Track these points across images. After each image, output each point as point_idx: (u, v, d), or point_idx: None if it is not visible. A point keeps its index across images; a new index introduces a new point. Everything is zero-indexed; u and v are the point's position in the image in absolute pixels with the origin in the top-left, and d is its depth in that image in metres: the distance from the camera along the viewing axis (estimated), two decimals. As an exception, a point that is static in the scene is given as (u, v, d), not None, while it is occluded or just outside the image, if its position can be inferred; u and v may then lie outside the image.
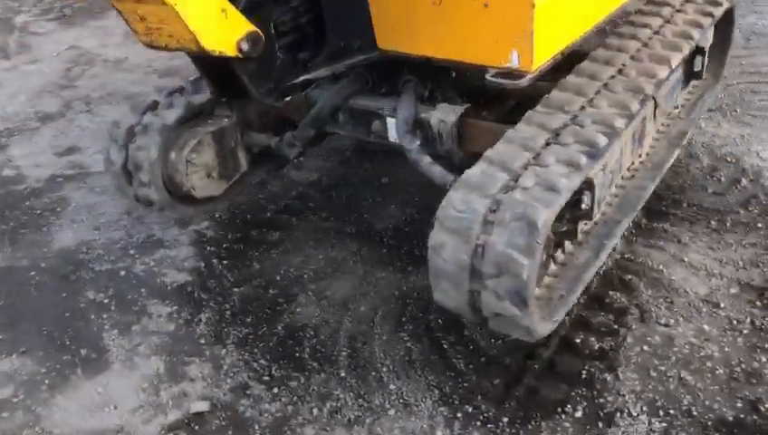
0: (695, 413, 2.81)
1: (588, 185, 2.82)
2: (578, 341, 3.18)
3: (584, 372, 3.03)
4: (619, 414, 2.84)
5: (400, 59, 3.19)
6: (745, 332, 3.14)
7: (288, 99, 3.05)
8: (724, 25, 4.29)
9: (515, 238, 2.50)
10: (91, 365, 3.42)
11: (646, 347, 3.12)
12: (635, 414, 2.84)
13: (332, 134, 3.82)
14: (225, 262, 3.99)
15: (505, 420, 2.88)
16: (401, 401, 3.02)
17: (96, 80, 6.66)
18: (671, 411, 2.83)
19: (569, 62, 3.18)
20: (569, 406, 2.90)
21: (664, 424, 2.79)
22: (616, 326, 3.23)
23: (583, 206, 2.86)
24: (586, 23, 3.13)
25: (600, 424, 2.82)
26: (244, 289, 3.78)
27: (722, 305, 3.29)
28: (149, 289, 3.88)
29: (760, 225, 3.75)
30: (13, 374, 3.42)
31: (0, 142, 5.64)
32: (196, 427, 3.03)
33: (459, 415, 2.93)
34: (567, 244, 3.11)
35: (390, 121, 3.33)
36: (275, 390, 3.15)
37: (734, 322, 3.20)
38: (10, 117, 6.07)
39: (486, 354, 3.18)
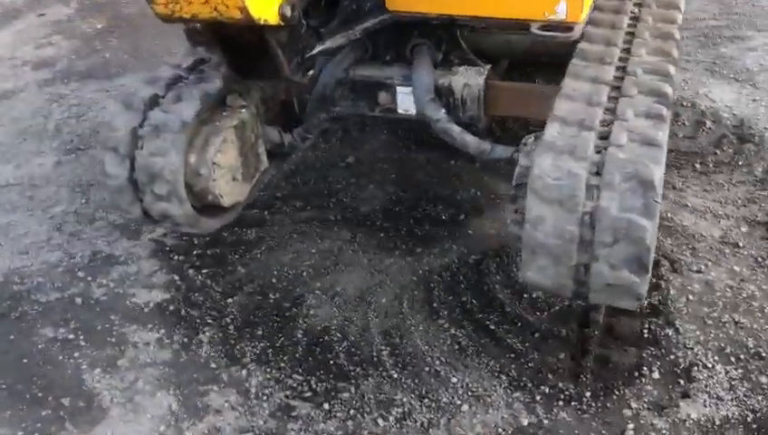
0: (764, 355, 2.82)
1: None
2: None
3: (645, 331, 2.94)
4: (694, 368, 2.79)
5: (415, 21, 2.87)
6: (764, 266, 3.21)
7: (311, 73, 2.63)
8: None
9: (631, 200, 2.31)
10: (83, 416, 2.84)
11: (690, 296, 3.10)
12: (710, 365, 2.79)
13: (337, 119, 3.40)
14: (203, 271, 3.49)
15: (588, 394, 2.72)
16: (470, 393, 2.78)
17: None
18: (742, 356, 2.82)
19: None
20: (644, 368, 2.80)
21: (740, 370, 2.77)
22: (654, 279, 3.17)
23: None
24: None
25: (681, 381, 2.75)
26: (240, 299, 3.32)
27: (740, 245, 3.34)
28: (121, 314, 3.30)
29: (740, 163, 3.86)
30: (-21, 444, 2.77)
31: None
32: (248, 469, 2.60)
33: (538, 398, 2.74)
34: None
35: (402, 91, 3.00)
36: (326, 406, 2.78)
37: (759, 259, 3.26)
38: None
39: (539, 329, 3.01)
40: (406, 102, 3.04)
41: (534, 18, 2.64)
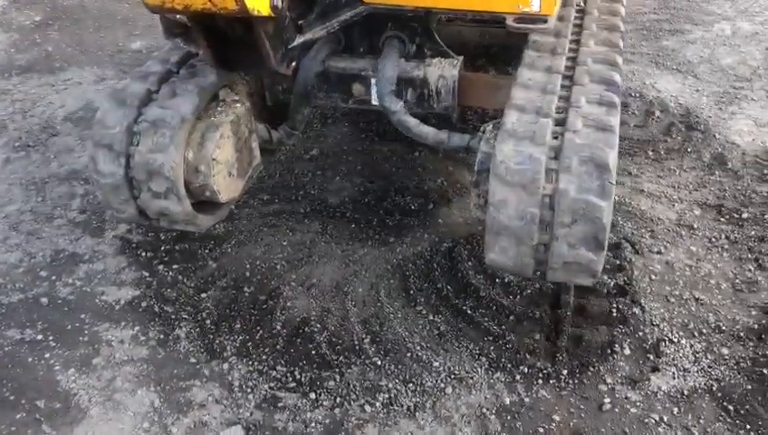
0: (724, 328, 3.00)
1: None
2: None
3: (614, 310, 3.08)
4: (662, 344, 2.94)
5: (389, 13, 2.92)
6: (726, 247, 3.41)
7: (293, 64, 2.63)
8: None
9: (588, 182, 2.43)
10: (61, 417, 2.78)
11: (653, 276, 3.26)
12: (675, 340, 2.95)
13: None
14: (174, 266, 3.45)
15: (565, 372, 2.84)
16: (453, 376, 2.85)
17: None
18: (704, 331, 2.99)
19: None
20: (616, 345, 2.93)
21: (703, 344, 2.94)
22: (618, 262, 3.32)
23: None
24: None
25: (650, 356, 2.90)
26: (214, 293, 3.30)
27: (695, 227, 3.53)
28: (91, 313, 3.23)
29: (689, 149, 4.06)
30: (-47, 451, 2.67)
31: None
32: (239, 458, 2.60)
33: (518, 377, 2.84)
34: None
35: (382, 83, 3.04)
36: (312, 395, 2.80)
37: (712, 239, 3.46)
38: None
39: (513, 311, 3.11)
40: (388, 99, 3.06)
41: (510, 11, 2.73)
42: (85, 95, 4.93)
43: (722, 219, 3.57)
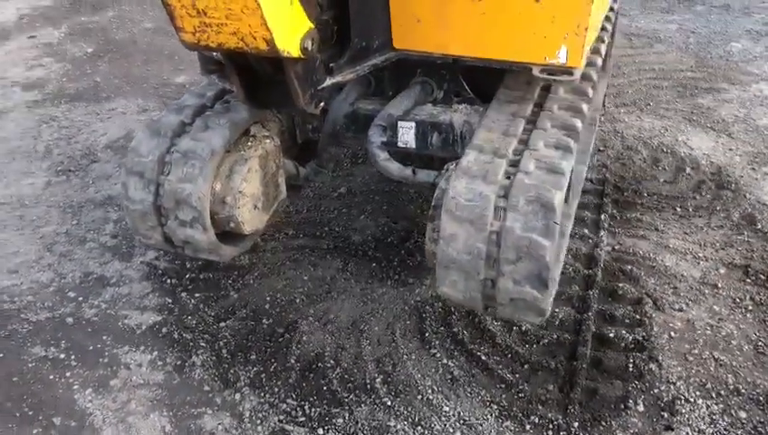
0: (743, 391, 2.93)
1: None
2: (611, 335, 3.18)
3: (630, 365, 3.04)
4: (677, 402, 2.88)
5: (420, 59, 3.00)
6: (750, 308, 3.35)
7: (322, 105, 2.71)
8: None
9: (533, 221, 2.46)
10: (74, 435, 2.83)
11: (672, 333, 3.21)
12: (692, 400, 2.89)
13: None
14: (196, 295, 3.52)
15: (576, 424, 2.80)
16: (462, 422, 2.84)
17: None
18: (722, 392, 2.93)
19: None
20: (630, 401, 2.89)
21: (720, 405, 2.87)
22: (638, 317, 3.29)
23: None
24: (600, 21, 3.17)
25: (665, 414, 2.84)
26: (232, 323, 3.35)
27: (719, 286, 3.48)
28: (113, 336, 3.31)
29: (718, 208, 4.03)
30: (-31, 461, 2.74)
31: None
32: (242, 488, 2.62)
33: (528, 427, 2.81)
34: None
35: (403, 126, 3.11)
36: (320, 431, 2.81)
37: (737, 300, 3.40)
38: None
39: (528, 361, 3.09)
40: (405, 136, 3.14)
41: (537, 62, 2.78)
42: (127, 125, 5.11)
43: (748, 280, 3.51)
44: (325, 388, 3.00)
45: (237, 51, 2.22)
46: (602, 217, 3.92)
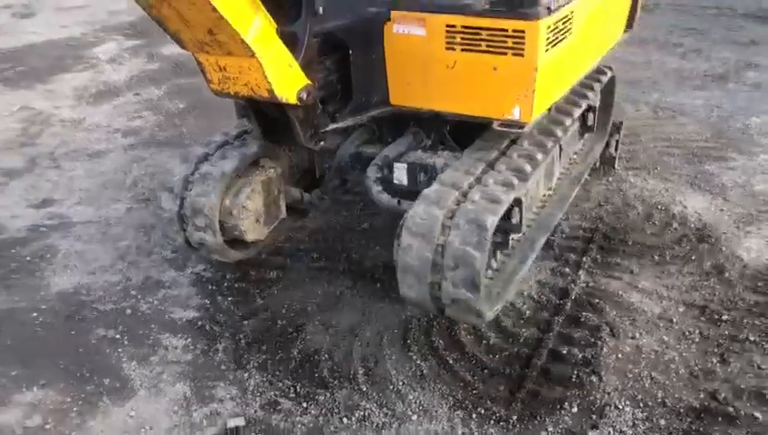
0: (668, 404, 3.38)
1: (517, 202, 3.50)
2: (564, 352, 3.70)
3: (574, 376, 3.55)
4: (607, 408, 3.37)
5: (410, 113, 3.74)
6: (696, 340, 3.78)
7: (321, 143, 3.50)
8: (606, 93, 5.19)
9: (469, 237, 3.10)
10: (117, 393, 3.61)
11: (620, 355, 3.69)
12: (620, 407, 3.37)
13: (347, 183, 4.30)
14: (229, 298, 4.29)
15: (514, 417, 3.33)
16: (421, 407, 3.42)
17: (56, 138, 6.81)
18: (649, 403, 3.39)
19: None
20: (566, 404, 3.39)
21: (645, 413, 3.33)
22: (593, 340, 3.79)
23: (514, 220, 3.55)
24: (566, 86, 3.82)
25: (594, 416, 3.33)
26: (254, 322, 4.09)
27: (674, 321, 3.93)
28: (159, 325, 4.11)
29: (693, 257, 4.47)
30: (37, 405, 3.56)
31: (-31, 195, 5.70)
32: (237, 440, 3.30)
33: (474, 416, 3.36)
34: (499, 254, 3.79)
35: (398, 167, 3.83)
36: (304, 404, 3.47)
37: (686, 333, 3.84)
38: (-28, 172, 6.12)
39: (488, 367, 3.65)
40: (399, 174, 3.85)
41: (495, 117, 3.46)
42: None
43: (702, 318, 3.95)
44: (316, 375, 3.67)
45: (249, 97, 3.03)
46: (584, 258, 4.46)
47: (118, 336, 4.03)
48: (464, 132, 3.87)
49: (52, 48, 9.76)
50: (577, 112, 4.16)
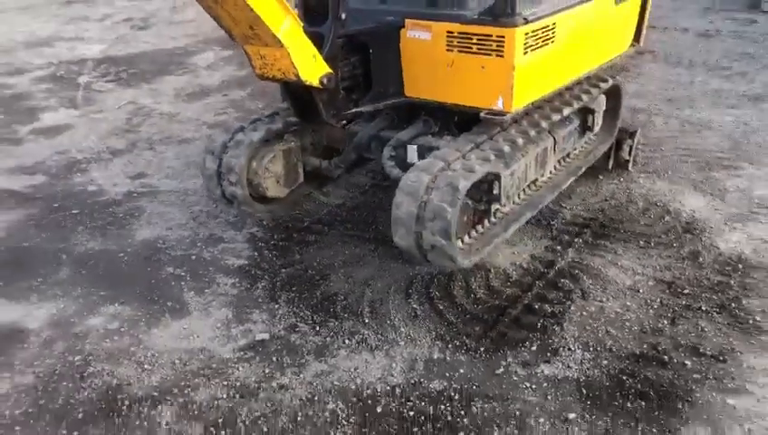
0: (614, 350, 4.04)
1: (496, 177, 4.26)
2: (536, 307, 4.42)
3: (539, 324, 4.26)
4: (561, 349, 4.06)
5: (420, 103, 4.59)
6: (655, 307, 4.41)
7: (344, 122, 4.41)
8: (614, 100, 5.82)
9: (444, 196, 3.89)
10: (176, 312, 4.60)
11: (584, 313, 4.37)
12: (573, 349, 4.06)
13: (369, 160, 5.20)
14: (273, 253, 5.24)
15: (482, 350, 4.08)
16: (408, 337, 4.23)
17: (154, 127, 8.05)
18: (598, 348, 4.06)
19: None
20: (527, 343, 4.11)
21: (592, 355, 4.01)
22: (564, 300, 4.48)
23: (494, 191, 4.31)
24: (551, 86, 4.57)
25: (548, 354, 4.03)
26: (289, 270, 5.01)
27: (641, 291, 4.56)
28: (215, 268, 5.10)
29: (675, 245, 5.06)
30: (116, 315, 4.60)
31: (81, 168, 6.95)
32: (260, 349, 4.20)
33: (450, 347, 4.13)
34: (485, 221, 4.55)
35: (411, 148, 4.68)
36: (317, 328, 4.35)
37: (648, 300, 4.47)
38: (85, 150, 7.40)
39: (470, 313, 4.41)
40: (411, 154, 4.70)
41: (483, 107, 4.26)
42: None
43: (667, 291, 4.56)
44: (331, 310, 4.54)
45: (282, 80, 3.98)
46: (577, 239, 5.14)
47: (182, 274, 5.04)
48: (466, 122, 4.68)
49: (160, 55, 11.19)
50: (567, 111, 4.87)
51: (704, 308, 4.36)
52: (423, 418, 3.62)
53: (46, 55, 11.31)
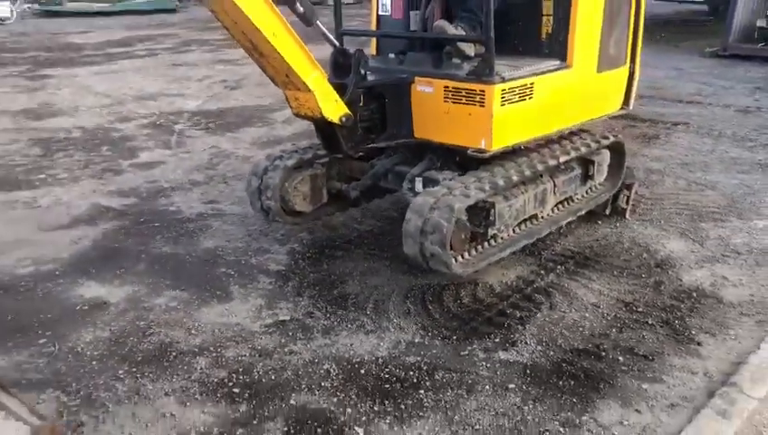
0: (562, 346, 4.91)
1: (491, 205, 5.23)
2: (508, 312, 5.35)
3: (506, 324, 5.18)
4: (519, 342, 4.97)
5: (426, 143, 5.73)
6: (609, 319, 5.25)
7: (361, 154, 5.60)
8: (618, 155, 6.71)
9: (442, 214, 4.91)
10: (222, 299, 5.79)
11: (547, 319, 5.26)
12: (528, 343, 4.96)
13: (387, 192, 6.35)
14: (306, 262, 6.40)
15: (454, 338, 5.05)
16: (398, 326, 5.24)
17: (230, 166, 9.49)
18: (549, 344, 4.94)
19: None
20: (492, 336, 5.05)
21: (543, 348, 4.89)
22: (533, 309, 5.39)
23: (491, 218, 5.28)
24: (530, 133, 5.62)
25: (507, 345, 4.95)
26: (316, 275, 6.14)
27: (601, 307, 5.41)
28: (259, 271, 6.29)
29: (644, 276, 5.88)
30: (176, 297, 5.83)
31: (166, 193, 8.41)
32: (281, 327, 5.32)
33: (429, 334, 5.12)
34: (484, 243, 5.51)
35: (418, 180, 5.79)
36: (328, 316, 5.43)
37: (605, 314, 5.31)
38: (171, 181, 8.88)
39: (453, 313, 5.39)
40: (418, 185, 5.79)
41: (470, 146, 5.34)
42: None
43: (624, 308, 5.39)
44: (342, 304, 5.61)
45: (312, 118, 5.21)
46: (559, 267, 6.04)
47: (232, 273, 6.26)
48: (468, 161, 5.76)
49: (246, 111, 12.85)
50: (564, 159, 5.86)
51: (650, 322, 5.18)
52: (394, 379, 4.61)
53: (150, 107, 13.18)
